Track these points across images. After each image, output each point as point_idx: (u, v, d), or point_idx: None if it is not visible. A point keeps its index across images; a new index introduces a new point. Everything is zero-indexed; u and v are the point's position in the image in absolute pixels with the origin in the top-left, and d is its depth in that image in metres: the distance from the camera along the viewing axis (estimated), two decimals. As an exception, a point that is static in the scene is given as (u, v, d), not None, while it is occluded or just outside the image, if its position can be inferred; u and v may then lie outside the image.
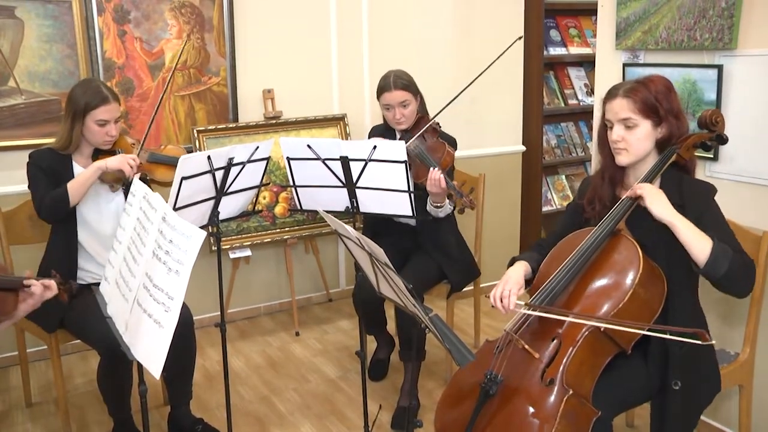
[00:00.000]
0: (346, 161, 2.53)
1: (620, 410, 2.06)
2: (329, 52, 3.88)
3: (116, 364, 2.44)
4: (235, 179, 2.51)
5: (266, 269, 3.98)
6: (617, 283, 1.95)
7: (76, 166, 2.65)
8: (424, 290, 2.98)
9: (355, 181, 2.57)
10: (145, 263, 1.83)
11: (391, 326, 3.31)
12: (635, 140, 2.02)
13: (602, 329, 1.92)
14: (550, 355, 1.95)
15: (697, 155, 2.12)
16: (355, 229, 1.84)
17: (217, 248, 2.58)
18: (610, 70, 2.91)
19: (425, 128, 2.85)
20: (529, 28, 4.26)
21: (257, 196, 3.20)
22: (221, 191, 2.49)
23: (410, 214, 2.57)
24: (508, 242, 4.43)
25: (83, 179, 2.54)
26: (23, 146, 3.13)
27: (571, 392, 1.85)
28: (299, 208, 2.78)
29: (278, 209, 3.72)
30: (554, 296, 2.01)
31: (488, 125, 4.26)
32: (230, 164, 2.43)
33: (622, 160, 2.06)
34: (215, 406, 3.03)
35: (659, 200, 1.94)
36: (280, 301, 4.06)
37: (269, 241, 3.70)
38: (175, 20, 3.49)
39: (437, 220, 2.92)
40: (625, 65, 2.83)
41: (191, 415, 2.79)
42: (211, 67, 3.60)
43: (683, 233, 1.89)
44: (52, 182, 2.57)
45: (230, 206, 2.61)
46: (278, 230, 3.72)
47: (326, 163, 2.57)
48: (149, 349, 1.76)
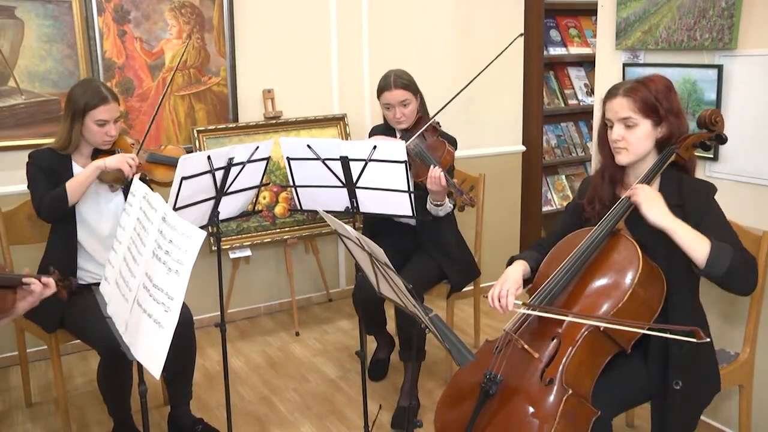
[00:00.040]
0: (346, 161, 2.53)
1: (620, 410, 2.06)
2: (329, 52, 3.88)
3: (116, 364, 2.44)
4: (235, 179, 2.51)
5: (266, 269, 3.98)
6: (616, 282, 1.95)
7: (75, 166, 2.65)
8: (424, 290, 2.98)
9: (355, 181, 2.57)
10: (145, 263, 1.83)
11: (391, 326, 3.31)
12: (635, 139, 2.02)
13: (602, 329, 1.92)
14: (549, 354, 1.95)
15: (697, 155, 2.12)
16: (355, 229, 1.84)
17: (217, 248, 2.58)
18: (610, 70, 2.91)
19: (425, 127, 2.85)
20: (529, 27, 4.26)
21: (257, 196, 3.21)
22: (221, 191, 2.49)
23: (410, 214, 2.57)
24: (508, 242, 4.43)
25: (82, 178, 2.54)
26: (23, 146, 3.13)
27: (570, 392, 1.86)
28: (299, 208, 2.78)
29: (278, 209, 3.72)
30: (554, 296, 2.01)
31: (488, 125, 4.26)
32: (230, 164, 2.43)
33: (622, 159, 2.06)
34: (215, 406, 3.03)
35: (655, 207, 1.94)
36: (280, 301, 4.07)
37: (269, 241, 3.70)
38: (175, 20, 3.49)
39: (437, 219, 2.92)
40: (625, 65, 2.83)
41: (191, 415, 2.79)
42: (211, 67, 3.60)
43: (681, 237, 1.89)
44: (51, 182, 2.57)
45: (230, 206, 2.61)
46: (278, 230, 3.72)
47: (326, 163, 2.57)
48: (149, 349, 1.76)
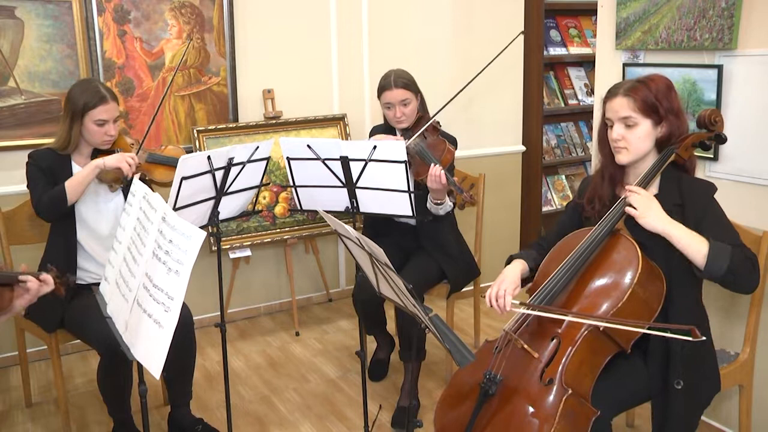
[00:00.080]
0: (346, 161, 2.53)
1: (619, 410, 2.06)
2: (329, 52, 3.88)
3: (116, 364, 2.44)
4: (235, 179, 2.51)
5: (266, 269, 3.98)
6: (616, 282, 1.95)
7: (75, 166, 2.65)
8: (424, 290, 2.98)
9: (355, 181, 2.57)
10: (145, 263, 1.83)
11: (391, 326, 3.31)
12: (635, 139, 2.02)
13: (601, 328, 1.92)
14: (549, 354, 1.95)
15: (697, 155, 2.12)
16: (355, 229, 1.84)
17: (217, 248, 2.58)
18: (610, 70, 2.91)
19: (426, 127, 2.85)
20: (529, 27, 4.26)
21: (257, 196, 3.21)
22: (221, 191, 2.49)
23: (410, 214, 2.57)
24: (508, 242, 4.43)
25: (81, 177, 2.54)
26: (23, 146, 3.13)
27: (570, 392, 1.86)
28: (299, 208, 2.78)
29: (278, 209, 3.72)
30: (553, 296, 2.01)
31: (488, 125, 4.26)
32: (230, 164, 2.43)
33: (622, 158, 2.06)
34: (215, 406, 3.03)
35: (650, 213, 1.94)
36: (280, 301, 4.07)
37: (269, 241, 3.70)
38: (175, 20, 3.49)
39: (437, 219, 2.92)
40: (625, 65, 2.83)
41: (191, 415, 2.79)
42: (211, 67, 3.60)
43: (678, 240, 1.90)
44: (50, 182, 2.57)
45: (230, 206, 2.61)
46: (278, 230, 3.72)
47: (326, 163, 2.57)
48: (149, 349, 1.76)
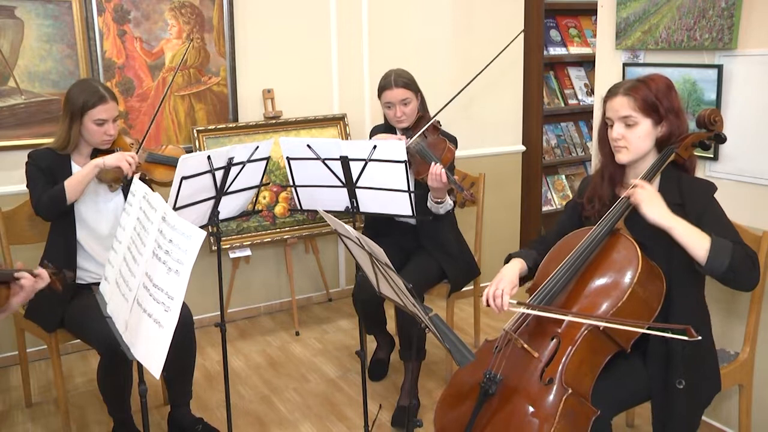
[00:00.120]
0: (345, 161, 2.53)
1: (619, 409, 2.06)
2: (329, 52, 3.88)
3: (116, 363, 2.44)
4: (235, 179, 2.51)
5: (266, 269, 3.98)
6: (616, 282, 1.95)
7: (74, 165, 2.65)
8: (424, 290, 2.98)
9: (355, 180, 2.57)
10: (145, 263, 1.83)
11: (391, 326, 3.32)
12: (635, 138, 2.02)
13: (601, 328, 1.92)
14: (549, 354, 1.95)
15: (697, 155, 2.12)
16: (355, 228, 1.84)
17: (217, 248, 2.58)
18: (610, 70, 2.91)
19: (426, 126, 2.85)
20: (529, 27, 4.26)
21: (257, 195, 3.21)
22: (221, 191, 2.49)
23: (410, 213, 2.57)
24: (508, 242, 4.43)
25: (81, 177, 2.54)
26: (23, 146, 3.13)
27: (570, 391, 1.86)
28: (299, 207, 2.78)
29: (278, 209, 3.72)
30: (553, 296, 2.01)
31: (488, 125, 4.26)
32: (230, 164, 2.44)
33: (622, 158, 2.06)
34: (215, 405, 3.03)
35: (654, 205, 1.94)
36: (280, 300, 4.07)
37: (269, 240, 3.70)
38: (175, 20, 3.49)
39: (437, 218, 2.92)
40: (625, 65, 2.83)
41: (191, 414, 2.79)
42: (211, 67, 3.60)
43: (680, 234, 1.90)
44: (50, 181, 2.57)
45: (230, 206, 2.61)
46: (278, 230, 3.72)
47: (326, 163, 2.57)
48: (149, 348, 1.76)
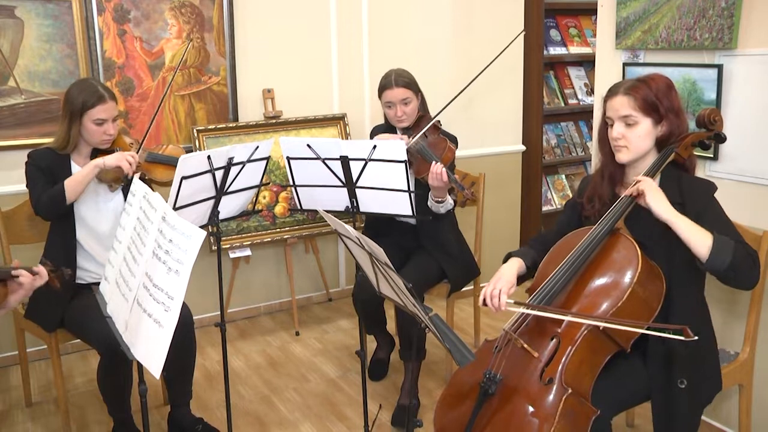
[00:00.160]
0: (345, 161, 2.53)
1: (619, 409, 2.06)
2: (329, 52, 3.88)
3: (116, 363, 2.44)
4: (235, 179, 2.51)
5: (266, 269, 3.98)
6: (616, 282, 1.95)
7: (74, 165, 2.65)
8: (424, 290, 2.98)
9: (355, 180, 2.57)
10: (145, 263, 1.83)
11: (391, 326, 3.32)
12: (635, 137, 2.02)
13: (601, 328, 1.92)
14: (549, 354, 1.95)
15: (697, 154, 2.12)
16: (355, 228, 1.84)
17: (217, 248, 2.58)
18: (610, 69, 2.91)
19: (427, 126, 2.85)
20: (529, 27, 4.26)
21: (257, 195, 3.21)
22: (221, 191, 2.49)
23: (410, 213, 2.57)
24: (508, 242, 4.42)
25: (81, 176, 2.54)
26: (23, 146, 3.13)
27: (570, 391, 1.86)
28: (299, 207, 2.78)
29: (278, 209, 3.72)
30: (552, 296, 2.01)
31: (488, 125, 4.26)
32: (230, 164, 2.44)
33: (622, 157, 2.06)
34: (215, 405, 3.03)
35: (660, 198, 1.94)
36: (280, 300, 4.07)
37: (269, 240, 3.70)
38: (175, 20, 3.49)
39: (438, 218, 2.92)
40: (625, 65, 2.83)
41: (191, 414, 2.79)
42: (211, 66, 3.60)
43: (683, 230, 1.90)
44: (50, 181, 2.57)
45: (230, 206, 2.61)
46: (278, 230, 3.72)
47: (326, 162, 2.57)
48: (149, 348, 1.76)
